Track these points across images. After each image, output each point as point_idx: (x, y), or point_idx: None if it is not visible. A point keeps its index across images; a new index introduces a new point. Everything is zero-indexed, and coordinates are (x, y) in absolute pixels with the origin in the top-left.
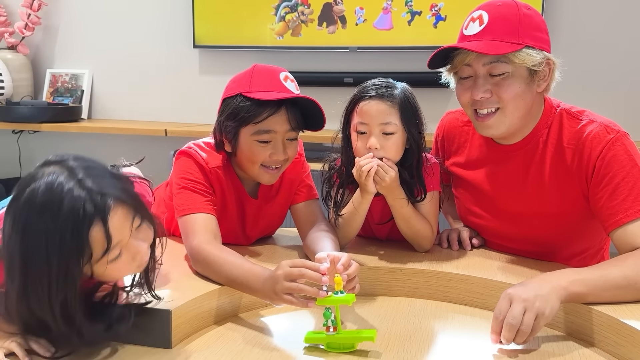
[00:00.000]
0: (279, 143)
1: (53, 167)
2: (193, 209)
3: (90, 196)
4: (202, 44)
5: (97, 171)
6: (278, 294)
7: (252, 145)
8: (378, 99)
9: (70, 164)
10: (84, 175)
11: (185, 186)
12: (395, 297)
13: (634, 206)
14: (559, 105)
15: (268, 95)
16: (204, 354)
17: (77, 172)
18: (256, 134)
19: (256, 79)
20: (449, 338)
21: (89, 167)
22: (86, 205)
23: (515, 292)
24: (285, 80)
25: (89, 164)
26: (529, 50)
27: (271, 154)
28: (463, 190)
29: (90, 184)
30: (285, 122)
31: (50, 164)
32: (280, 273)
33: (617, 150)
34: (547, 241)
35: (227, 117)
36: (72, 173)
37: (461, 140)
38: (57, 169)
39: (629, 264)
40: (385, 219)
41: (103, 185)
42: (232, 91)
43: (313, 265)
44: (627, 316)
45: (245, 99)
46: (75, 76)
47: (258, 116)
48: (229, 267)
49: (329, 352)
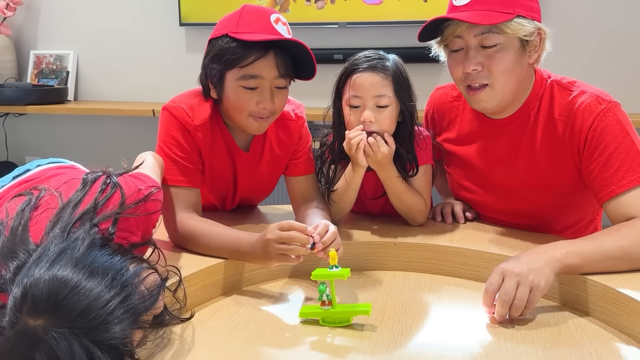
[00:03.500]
0: (266, 90)
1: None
2: (174, 180)
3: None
4: (188, 22)
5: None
6: (271, 256)
7: (237, 91)
8: (371, 70)
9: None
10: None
11: (166, 152)
12: (390, 272)
13: (626, 176)
14: (550, 76)
15: (256, 36)
16: (198, 330)
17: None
18: (242, 78)
19: (245, 19)
20: (443, 310)
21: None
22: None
23: (508, 266)
24: (276, 23)
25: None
26: (520, 19)
27: (258, 102)
28: (455, 166)
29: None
30: (274, 68)
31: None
32: (270, 237)
33: (609, 120)
34: (540, 214)
35: (212, 59)
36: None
37: (452, 115)
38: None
39: (623, 234)
40: (378, 194)
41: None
42: (218, 31)
43: (300, 227)
44: (622, 285)
45: (232, 40)
46: (59, 57)
47: (244, 59)
48: (216, 237)
49: (324, 326)
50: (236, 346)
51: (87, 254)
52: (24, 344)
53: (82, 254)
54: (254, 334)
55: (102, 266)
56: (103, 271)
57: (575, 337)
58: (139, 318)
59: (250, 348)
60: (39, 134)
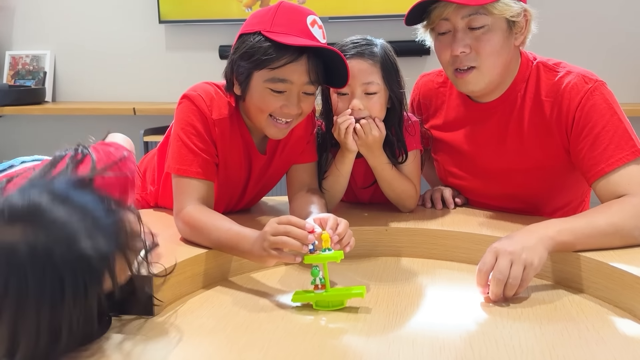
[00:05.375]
0: (293, 95)
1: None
2: (189, 172)
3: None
4: (167, 19)
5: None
6: (266, 250)
7: (264, 92)
8: (359, 57)
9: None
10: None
11: (184, 141)
12: (382, 257)
13: (615, 155)
14: (535, 58)
15: (291, 39)
16: (188, 319)
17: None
18: (270, 81)
19: (280, 18)
20: (437, 292)
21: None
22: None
23: (501, 245)
24: (312, 25)
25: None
26: (507, 0)
27: (283, 105)
28: (442, 153)
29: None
30: (304, 73)
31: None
32: (267, 229)
33: (595, 99)
34: (529, 197)
35: (242, 56)
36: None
37: (438, 102)
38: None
39: (614, 210)
40: (368, 182)
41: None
42: (251, 27)
43: (299, 222)
44: (615, 260)
45: (265, 39)
46: (36, 57)
47: (275, 61)
48: (218, 231)
49: (318, 310)
50: (228, 332)
51: (65, 188)
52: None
53: (59, 188)
54: (246, 321)
55: (79, 199)
56: (80, 202)
57: (571, 313)
58: (116, 243)
59: (242, 334)
60: (16, 136)
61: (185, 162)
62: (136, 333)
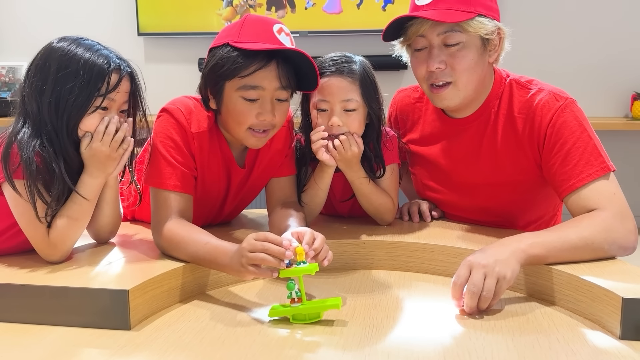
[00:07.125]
0: (267, 102)
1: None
2: (167, 185)
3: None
4: (146, 32)
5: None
6: (244, 266)
7: (237, 102)
8: (338, 74)
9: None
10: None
11: (163, 154)
12: (359, 270)
13: (585, 170)
14: (509, 75)
15: (258, 46)
16: (164, 333)
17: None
18: (242, 89)
19: (247, 29)
20: (414, 304)
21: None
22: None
23: (475, 259)
24: (279, 33)
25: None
26: (481, 18)
27: (258, 114)
28: (419, 167)
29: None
30: (275, 79)
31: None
32: (244, 246)
33: (566, 116)
34: (503, 211)
35: (212, 68)
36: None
37: (414, 117)
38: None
39: (585, 225)
40: (346, 196)
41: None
42: (219, 40)
43: (276, 239)
44: (585, 273)
45: (233, 49)
46: (12, 69)
47: (245, 69)
48: (196, 245)
49: (295, 323)
50: (204, 346)
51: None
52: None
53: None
54: (223, 335)
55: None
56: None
57: (543, 325)
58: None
59: (218, 349)
60: None
61: (164, 175)
62: (112, 347)
